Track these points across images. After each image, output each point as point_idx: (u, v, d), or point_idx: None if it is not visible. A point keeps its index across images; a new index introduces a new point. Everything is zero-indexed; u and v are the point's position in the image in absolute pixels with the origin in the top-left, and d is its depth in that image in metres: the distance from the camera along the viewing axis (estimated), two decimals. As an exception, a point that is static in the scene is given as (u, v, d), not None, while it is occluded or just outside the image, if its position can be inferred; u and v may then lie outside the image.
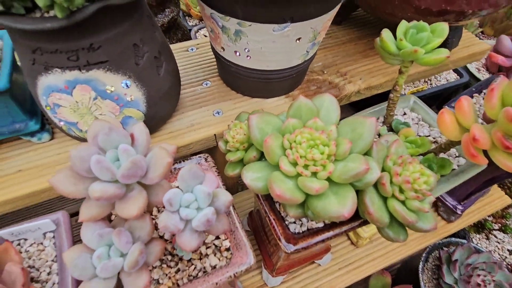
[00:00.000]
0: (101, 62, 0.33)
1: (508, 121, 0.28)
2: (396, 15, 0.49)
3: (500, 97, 0.31)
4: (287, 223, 0.35)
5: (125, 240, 0.24)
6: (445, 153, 0.44)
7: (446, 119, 0.34)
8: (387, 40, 0.37)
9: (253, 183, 0.29)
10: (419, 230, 0.31)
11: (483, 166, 0.43)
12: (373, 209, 0.29)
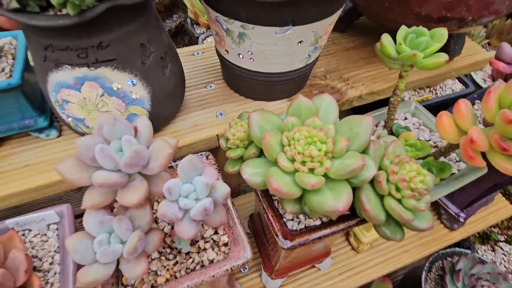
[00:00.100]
0: (109, 60, 0.35)
1: (505, 123, 0.28)
2: (398, 22, 0.50)
3: (497, 100, 0.31)
4: (285, 221, 0.35)
5: (125, 227, 0.25)
6: (446, 158, 0.45)
7: (445, 122, 0.34)
8: (387, 45, 0.37)
9: (252, 178, 0.30)
10: (416, 229, 0.31)
11: (484, 171, 0.43)
12: (369, 206, 0.30)
